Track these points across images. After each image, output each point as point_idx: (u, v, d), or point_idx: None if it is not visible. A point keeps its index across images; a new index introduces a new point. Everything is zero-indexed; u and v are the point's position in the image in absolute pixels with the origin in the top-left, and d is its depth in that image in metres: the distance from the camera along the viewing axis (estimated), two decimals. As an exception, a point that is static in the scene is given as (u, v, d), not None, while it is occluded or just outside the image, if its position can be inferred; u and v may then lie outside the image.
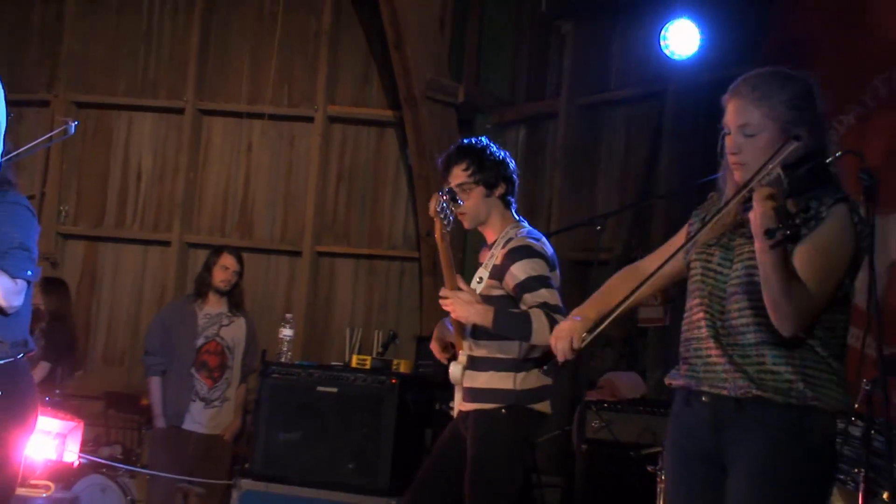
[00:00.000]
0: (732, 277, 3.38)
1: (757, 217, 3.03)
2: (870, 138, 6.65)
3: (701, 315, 3.42)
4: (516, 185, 5.33)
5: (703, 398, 3.40)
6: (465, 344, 5.11)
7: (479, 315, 4.95)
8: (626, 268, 3.96)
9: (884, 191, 5.18)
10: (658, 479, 5.44)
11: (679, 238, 3.72)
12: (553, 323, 4.79)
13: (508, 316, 4.98)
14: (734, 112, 3.42)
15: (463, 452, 5.09)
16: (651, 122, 8.26)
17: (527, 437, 5.25)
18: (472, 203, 5.18)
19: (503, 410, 5.05)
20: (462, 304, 4.94)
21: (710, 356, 3.39)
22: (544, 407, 5.16)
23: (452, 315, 5.01)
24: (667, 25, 7.13)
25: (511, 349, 5.08)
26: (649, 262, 3.84)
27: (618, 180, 8.59)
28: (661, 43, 7.17)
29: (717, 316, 3.39)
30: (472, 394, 5.12)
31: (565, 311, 4.82)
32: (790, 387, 3.26)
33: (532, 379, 5.08)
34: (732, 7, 7.33)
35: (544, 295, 4.98)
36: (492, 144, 5.35)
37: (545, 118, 9.16)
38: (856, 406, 5.22)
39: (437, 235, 5.07)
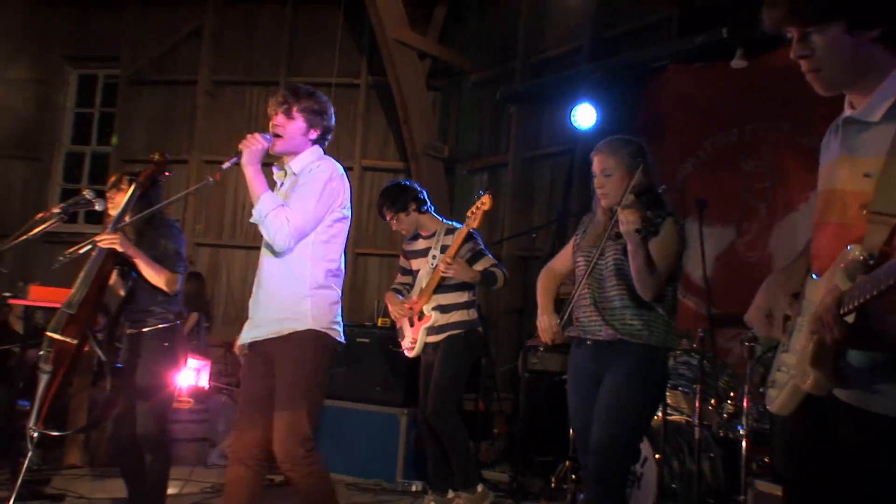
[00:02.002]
0: (606, 267, 3.52)
1: (627, 224, 3.17)
2: (702, 177, 6.76)
3: (586, 291, 3.57)
4: (425, 195, 5.56)
5: (588, 342, 3.56)
6: (433, 298, 5.31)
7: (469, 275, 5.21)
8: (544, 270, 4.07)
9: (710, 210, 5.32)
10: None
11: (568, 248, 3.90)
12: (503, 271, 5.31)
13: (486, 274, 5.25)
14: (598, 162, 3.60)
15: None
16: (566, 169, 8.27)
17: (475, 346, 5.47)
18: (405, 225, 5.49)
19: (462, 334, 5.29)
20: (461, 268, 5.16)
21: (590, 315, 3.56)
22: (480, 328, 5.46)
23: (452, 274, 5.18)
24: (575, 107, 7.19)
25: (463, 297, 5.35)
26: (555, 263, 4.00)
27: (546, 206, 8.61)
28: (572, 118, 7.22)
29: (596, 290, 3.54)
30: (444, 327, 5.31)
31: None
32: (640, 333, 3.44)
33: (473, 313, 5.39)
34: (616, 96, 7.38)
35: (491, 259, 5.34)
36: (401, 181, 5.72)
37: (500, 166, 9.15)
38: (695, 345, 5.33)
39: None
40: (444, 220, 5.55)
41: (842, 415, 1.93)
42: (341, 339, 3.70)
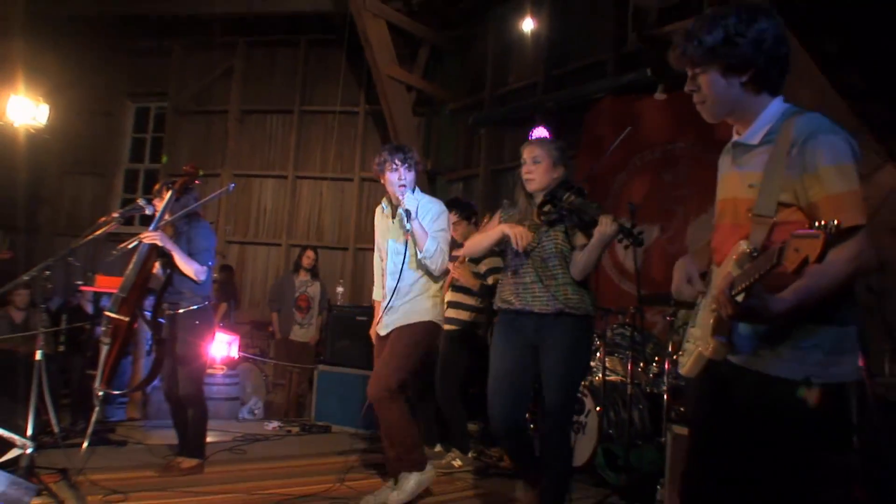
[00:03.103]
0: (545, 249, 3.34)
1: (608, 230, 3.08)
2: (632, 185, 6.78)
3: (530, 270, 3.34)
4: (473, 208, 5.43)
5: (532, 314, 3.31)
6: (450, 293, 5.13)
7: (470, 282, 5.04)
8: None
9: (639, 212, 5.32)
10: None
11: (494, 221, 3.60)
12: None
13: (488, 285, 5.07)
14: (528, 151, 3.42)
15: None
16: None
17: (472, 343, 5.23)
18: (461, 230, 5.21)
19: (459, 331, 5.16)
20: (464, 273, 5.03)
21: (535, 291, 3.31)
22: (480, 332, 5.23)
23: (457, 276, 5.03)
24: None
25: (469, 300, 5.16)
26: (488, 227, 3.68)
27: (509, 210, 8.60)
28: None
29: (540, 270, 3.33)
30: (451, 321, 5.13)
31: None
32: (579, 305, 3.29)
33: (480, 317, 5.19)
34: (565, 121, 7.40)
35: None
36: (470, 201, 5.50)
37: (472, 177, 9.12)
38: (627, 320, 5.34)
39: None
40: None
41: (733, 374, 1.96)
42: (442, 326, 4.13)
